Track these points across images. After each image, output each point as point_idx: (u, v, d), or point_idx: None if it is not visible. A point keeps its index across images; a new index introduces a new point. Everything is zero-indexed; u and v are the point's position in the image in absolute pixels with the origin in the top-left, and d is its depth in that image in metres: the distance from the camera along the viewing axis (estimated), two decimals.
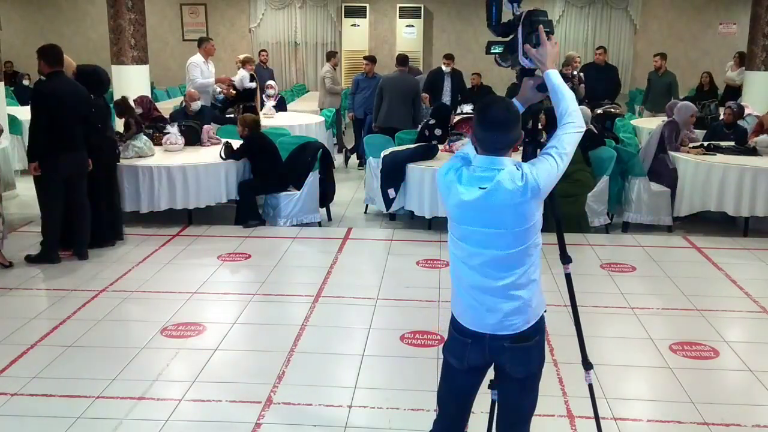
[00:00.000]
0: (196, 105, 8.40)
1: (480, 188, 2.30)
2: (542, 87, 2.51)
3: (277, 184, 6.99)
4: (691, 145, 7.36)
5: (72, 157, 5.68)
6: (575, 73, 9.39)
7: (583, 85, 9.20)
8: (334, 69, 11.17)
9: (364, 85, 9.97)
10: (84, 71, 6.12)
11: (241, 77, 9.58)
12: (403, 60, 9.48)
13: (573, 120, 2.41)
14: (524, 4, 2.52)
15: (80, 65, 6.25)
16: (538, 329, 2.45)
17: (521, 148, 2.68)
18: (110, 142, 6.20)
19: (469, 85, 12.67)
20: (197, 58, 9.25)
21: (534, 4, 2.73)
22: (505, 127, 2.32)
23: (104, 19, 10.04)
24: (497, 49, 2.64)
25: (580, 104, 2.63)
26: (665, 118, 7.81)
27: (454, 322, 2.50)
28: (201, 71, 9.15)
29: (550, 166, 2.33)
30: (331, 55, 11.40)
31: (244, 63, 9.86)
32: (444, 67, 10.44)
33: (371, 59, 10.21)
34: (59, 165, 5.59)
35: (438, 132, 7.63)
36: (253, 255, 6.11)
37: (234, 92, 9.46)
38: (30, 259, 5.79)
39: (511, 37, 2.61)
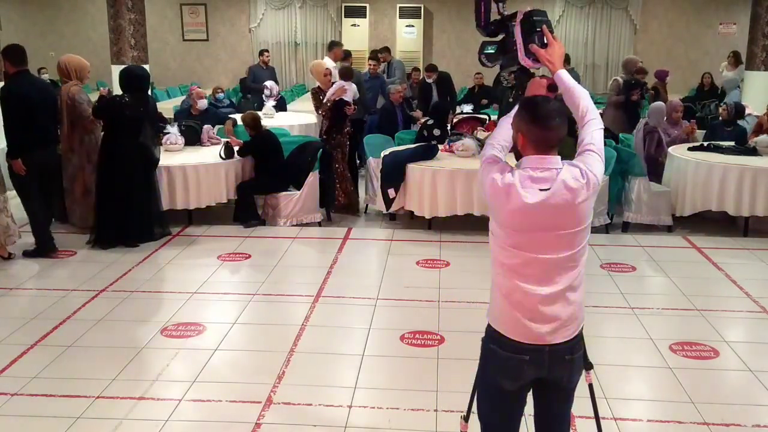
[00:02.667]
0: (203, 103, 8.39)
1: (541, 190, 2.21)
2: (552, 86, 2.49)
3: (279, 183, 6.99)
4: (689, 145, 7.39)
5: (43, 153, 5.91)
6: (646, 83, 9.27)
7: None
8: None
9: (368, 84, 9.92)
10: (121, 71, 6.37)
11: (352, 91, 8.23)
12: (344, 55, 9.63)
13: (594, 117, 2.40)
14: (524, 4, 2.52)
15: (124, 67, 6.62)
16: (582, 334, 2.42)
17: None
18: (132, 144, 6.14)
19: (470, 85, 12.69)
20: (329, 63, 8.94)
21: (534, 4, 2.72)
22: (560, 122, 2.26)
23: (104, 19, 10.06)
24: (490, 49, 2.64)
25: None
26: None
27: (502, 341, 2.34)
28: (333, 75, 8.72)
29: (598, 162, 2.31)
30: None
31: (343, 75, 9.10)
32: (427, 79, 10.44)
33: (376, 57, 10.17)
34: (33, 161, 5.80)
35: (437, 132, 7.60)
36: (253, 255, 6.11)
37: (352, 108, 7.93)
38: (27, 254, 5.88)
39: (501, 36, 2.62)
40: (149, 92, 6.58)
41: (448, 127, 7.92)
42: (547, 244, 2.26)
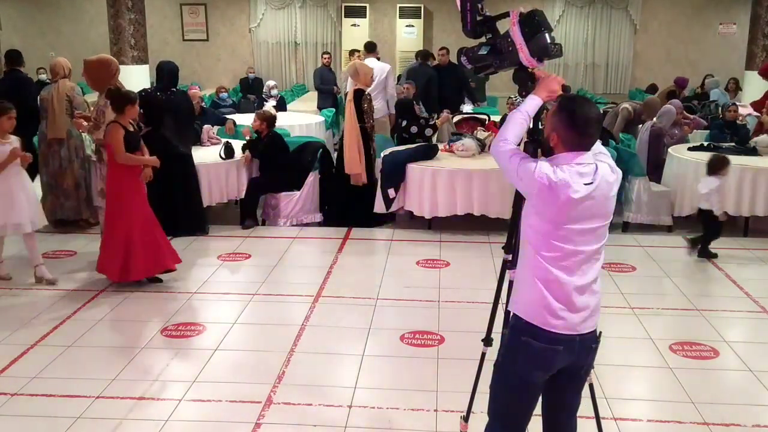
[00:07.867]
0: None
1: (585, 184, 2.28)
2: (566, 87, 2.54)
3: (287, 180, 6.97)
4: (689, 145, 7.40)
5: None
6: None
7: None
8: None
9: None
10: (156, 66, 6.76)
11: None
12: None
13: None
14: (524, 4, 2.53)
15: None
16: None
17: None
18: (158, 137, 6.26)
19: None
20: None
21: (534, 4, 2.74)
22: (597, 130, 2.36)
23: (104, 18, 10.05)
24: (484, 51, 2.68)
25: None
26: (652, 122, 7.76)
27: (536, 333, 2.37)
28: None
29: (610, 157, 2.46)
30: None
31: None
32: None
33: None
34: None
35: (414, 129, 7.46)
36: (253, 255, 6.11)
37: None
38: None
39: (489, 37, 2.65)
40: (175, 87, 6.76)
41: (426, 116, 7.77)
42: (585, 236, 2.34)
